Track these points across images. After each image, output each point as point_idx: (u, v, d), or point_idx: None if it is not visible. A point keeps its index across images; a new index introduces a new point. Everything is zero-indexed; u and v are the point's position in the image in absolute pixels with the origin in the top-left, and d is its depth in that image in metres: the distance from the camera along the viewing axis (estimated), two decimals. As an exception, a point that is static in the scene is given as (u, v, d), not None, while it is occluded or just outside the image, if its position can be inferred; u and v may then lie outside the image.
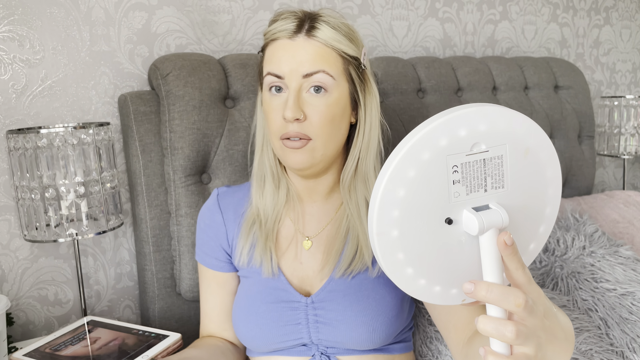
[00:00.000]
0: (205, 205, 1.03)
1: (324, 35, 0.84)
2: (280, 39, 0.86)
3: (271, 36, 0.87)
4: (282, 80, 0.85)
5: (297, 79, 0.84)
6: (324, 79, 0.84)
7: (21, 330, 1.27)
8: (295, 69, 0.83)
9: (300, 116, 0.83)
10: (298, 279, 0.94)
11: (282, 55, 0.84)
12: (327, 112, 0.84)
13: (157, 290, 1.24)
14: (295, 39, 0.84)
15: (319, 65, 0.83)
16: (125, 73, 1.32)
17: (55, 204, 1.09)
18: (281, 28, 0.85)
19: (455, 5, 1.76)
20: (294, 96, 0.83)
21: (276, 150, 0.89)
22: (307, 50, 0.84)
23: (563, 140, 1.77)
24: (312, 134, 0.84)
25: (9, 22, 1.19)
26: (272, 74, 0.85)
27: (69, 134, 1.08)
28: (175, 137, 1.17)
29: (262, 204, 0.95)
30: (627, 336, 1.09)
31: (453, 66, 1.59)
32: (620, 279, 1.17)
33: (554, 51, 2.02)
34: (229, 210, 1.00)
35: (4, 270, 1.24)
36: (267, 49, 0.89)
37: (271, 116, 0.87)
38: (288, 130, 0.84)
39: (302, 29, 0.84)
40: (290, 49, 0.84)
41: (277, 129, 0.86)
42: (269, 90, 0.87)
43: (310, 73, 0.83)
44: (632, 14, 2.22)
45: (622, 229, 1.50)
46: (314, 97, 0.84)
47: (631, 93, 2.29)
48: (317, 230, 0.95)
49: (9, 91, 1.21)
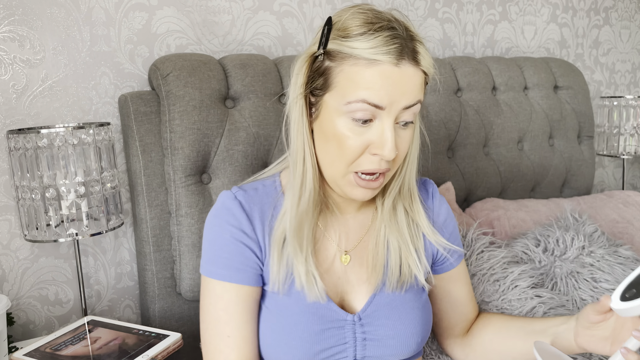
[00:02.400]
0: (226, 212, 0.85)
1: (426, 63, 0.75)
2: (381, 64, 0.72)
3: (365, 55, 0.72)
4: (378, 111, 0.73)
5: (397, 110, 0.73)
6: (417, 109, 0.76)
7: (21, 330, 1.27)
8: (398, 100, 0.73)
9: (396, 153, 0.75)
10: (338, 296, 0.86)
11: (385, 85, 0.72)
12: (411, 142, 0.79)
13: (157, 290, 1.24)
14: (400, 66, 0.72)
15: (419, 95, 0.75)
16: (126, 73, 1.32)
17: (55, 204, 1.09)
18: (382, 49, 0.71)
19: (454, 5, 1.76)
20: (393, 132, 0.73)
21: (338, 181, 0.79)
22: (413, 82, 0.73)
23: (563, 141, 1.78)
24: (394, 166, 0.79)
25: (10, 23, 1.20)
26: (367, 102, 0.72)
27: (69, 134, 1.08)
28: (176, 137, 1.17)
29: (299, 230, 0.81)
30: (626, 336, 1.09)
31: (453, 66, 1.59)
32: (620, 279, 1.17)
33: (554, 51, 2.03)
34: (255, 218, 0.85)
35: (5, 270, 1.25)
36: (350, 68, 0.73)
37: (350, 146, 0.75)
38: (376, 166, 0.76)
39: (405, 53, 0.72)
40: (396, 77, 0.72)
41: (357, 163, 0.76)
42: (353, 120, 0.74)
43: (410, 105, 0.74)
44: (631, 14, 2.22)
45: (622, 228, 1.50)
46: (402, 129, 0.76)
47: (630, 93, 2.29)
48: (354, 243, 0.89)
49: (9, 91, 1.21)
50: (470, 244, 1.22)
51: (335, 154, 0.77)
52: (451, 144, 1.56)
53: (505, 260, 1.18)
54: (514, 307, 1.10)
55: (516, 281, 1.15)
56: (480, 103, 1.60)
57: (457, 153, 1.57)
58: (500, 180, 1.65)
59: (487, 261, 1.18)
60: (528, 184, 1.72)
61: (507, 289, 1.13)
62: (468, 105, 1.58)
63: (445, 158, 1.54)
